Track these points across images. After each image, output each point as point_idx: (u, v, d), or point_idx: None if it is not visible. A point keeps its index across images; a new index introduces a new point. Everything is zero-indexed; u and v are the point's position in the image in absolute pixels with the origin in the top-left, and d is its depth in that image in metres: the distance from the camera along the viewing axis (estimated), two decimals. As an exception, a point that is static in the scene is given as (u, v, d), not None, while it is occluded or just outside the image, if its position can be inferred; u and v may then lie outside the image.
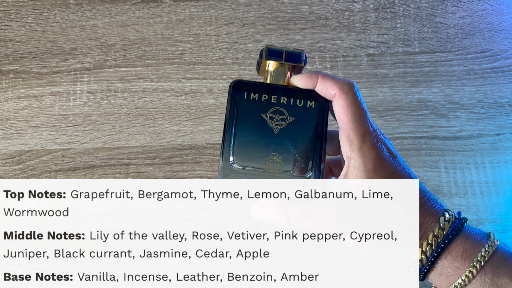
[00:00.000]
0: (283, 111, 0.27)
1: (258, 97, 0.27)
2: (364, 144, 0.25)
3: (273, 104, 0.27)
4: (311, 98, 0.27)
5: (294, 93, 0.27)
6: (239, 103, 0.27)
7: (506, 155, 0.48)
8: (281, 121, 0.27)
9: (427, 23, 0.52)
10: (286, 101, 0.27)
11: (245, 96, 0.27)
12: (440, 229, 0.24)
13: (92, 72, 0.51)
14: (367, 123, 0.26)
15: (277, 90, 0.27)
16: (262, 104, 0.27)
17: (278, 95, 0.27)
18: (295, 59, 0.27)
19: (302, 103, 0.27)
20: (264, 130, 0.26)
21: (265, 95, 0.27)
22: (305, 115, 0.27)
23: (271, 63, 0.28)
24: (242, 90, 0.27)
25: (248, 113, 0.26)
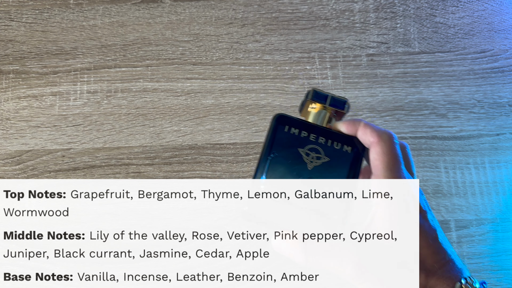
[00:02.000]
0: (320, 150, 0.27)
1: (298, 133, 0.28)
2: None
3: (311, 142, 0.27)
4: (348, 143, 0.28)
5: (333, 135, 0.28)
6: (278, 134, 0.27)
7: (506, 155, 0.48)
8: (316, 159, 0.27)
9: (427, 23, 0.52)
10: (324, 142, 0.28)
11: (285, 129, 0.27)
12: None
13: (92, 72, 0.51)
14: (400, 173, 0.26)
15: (318, 130, 0.28)
16: (301, 140, 0.27)
17: (317, 134, 0.28)
18: (339, 105, 0.29)
19: (339, 147, 0.28)
20: (298, 164, 0.27)
21: (304, 132, 0.28)
22: (340, 158, 0.27)
23: (314, 105, 0.29)
24: (284, 124, 0.28)
25: (286, 146, 0.27)
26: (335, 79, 0.50)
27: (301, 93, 0.50)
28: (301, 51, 0.51)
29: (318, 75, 0.51)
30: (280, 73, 0.51)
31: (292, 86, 0.50)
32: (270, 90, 0.50)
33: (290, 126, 0.28)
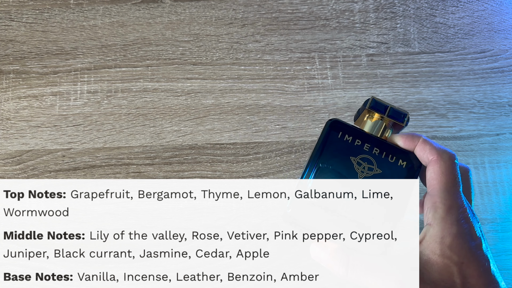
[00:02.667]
0: (373, 161, 0.26)
1: (352, 141, 0.26)
2: (448, 216, 0.24)
3: (364, 151, 0.26)
4: (404, 158, 0.26)
5: (388, 148, 0.27)
6: (330, 139, 0.26)
7: (506, 155, 0.48)
8: (368, 170, 0.26)
9: (427, 23, 0.52)
10: (378, 153, 0.26)
11: (339, 135, 0.26)
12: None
13: (92, 72, 0.51)
14: (456, 196, 0.25)
15: (372, 140, 0.27)
16: (354, 148, 0.26)
17: (371, 144, 0.26)
18: (398, 117, 0.27)
19: (394, 160, 0.26)
20: (348, 173, 0.26)
21: (358, 140, 0.26)
22: (394, 172, 0.26)
23: (372, 114, 0.28)
24: (338, 130, 0.26)
25: (337, 152, 0.26)
26: (335, 79, 0.50)
27: (301, 93, 0.50)
28: (301, 51, 0.51)
29: (318, 75, 0.51)
30: (280, 73, 0.51)
31: (292, 86, 0.50)
32: (270, 90, 0.50)
33: (344, 132, 0.26)
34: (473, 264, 0.24)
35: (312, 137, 0.49)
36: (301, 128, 0.49)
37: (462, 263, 0.24)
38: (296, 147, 0.49)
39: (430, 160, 0.25)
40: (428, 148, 0.25)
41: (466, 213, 0.25)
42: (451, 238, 0.24)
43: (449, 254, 0.24)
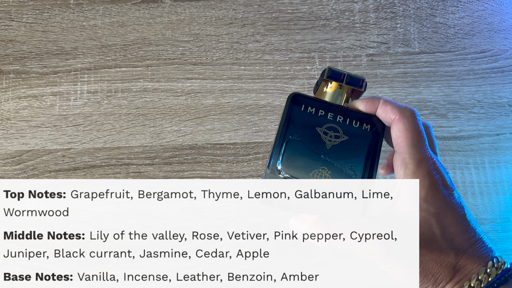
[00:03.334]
0: (338, 128, 0.27)
1: (315, 112, 0.27)
2: (419, 170, 0.24)
3: (328, 120, 0.26)
4: (367, 122, 0.27)
5: (351, 114, 0.27)
6: (294, 113, 0.26)
7: (506, 155, 0.48)
8: (335, 137, 0.26)
9: (427, 23, 0.52)
10: (342, 120, 0.27)
11: (302, 108, 0.26)
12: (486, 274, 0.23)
13: (92, 72, 0.51)
14: (424, 150, 0.25)
15: (335, 109, 0.27)
16: (318, 119, 0.26)
17: (334, 113, 0.27)
18: (356, 83, 0.27)
19: (358, 125, 0.27)
20: (316, 143, 0.26)
21: (321, 110, 0.27)
22: (360, 137, 0.26)
23: (330, 84, 0.28)
24: (300, 103, 0.27)
25: (303, 125, 0.26)
26: (335, 79, 0.50)
27: (301, 93, 0.50)
28: (301, 51, 0.51)
29: (318, 75, 0.51)
30: (280, 73, 0.51)
31: (292, 86, 0.50)
32: (270, 90, 0.50)
33: (307, 105, 0.26)
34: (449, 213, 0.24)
35: (312, 137, 0.49)
36: (301, 128, 0.49)
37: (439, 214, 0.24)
38: (296, 147, 0.49)
39: (393, 119, 0.25)
40: (389, 108, 0.26)
41: (436, 165, 0.25)
42: (425, 190, 0.24)
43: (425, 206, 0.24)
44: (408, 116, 0.25)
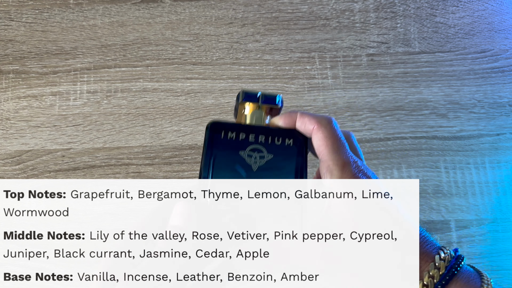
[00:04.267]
0: (262, 149, 0.27)
1: (236, 136, 0.27)
2: (344, 174, 0.25)
3: (251, 143, 0.27)
4: (289, 136, 0.27)
5: (272, 132, 0.27)
6: (216, 142, 0.26)
7: (506, 155, 0.48)
8: (260, 158, 0.27)
9: (427, 23, 0.52)
10: (264, 140, 0.27)
11: (222, 136, 0.26)
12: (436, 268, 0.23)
13: (92, 72, 0.51)
14: (346, 155, 0.25)
15: (255, 130, 0.27)
16: (240, 143, 0.26)
17: (256, 134, 0.27)
18: (271, 101, 0.28)
19: (280, 141, 0.27)
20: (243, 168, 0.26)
21: (242, 133, 0.27)
22: (284, 153, 0.27)
23: (247, 106, 0.28)
24: (219, 131, 0.27)
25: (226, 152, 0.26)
26: (335, 79, 0.50)
27: (301, 93, 0.50)
28: (301, 51, 0.51)
29: (318, 75, 0.51)
30: (280, 73, 0.51)
31: (292, 86, 0.50)
32: (270, 90, 0.50)
33: (226, 131, 0.26)
34: None
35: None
36: (301, 128, 0.49)
37: None
38: (296, 147, 0.49)
39: (311, 129, 0.26)
40: (306, 119, 0.26)
41: (360, 167, 0.26)
42: None
43: None
44: (326, 124, 0.26)
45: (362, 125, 0.49)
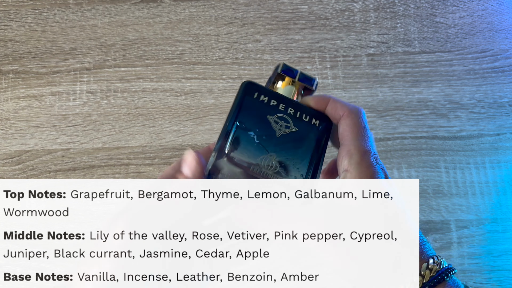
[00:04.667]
0: (289, 119, 0.27)
1: (267, 101, 0.27)
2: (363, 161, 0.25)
3: (280, 111, 0.27)
4: (316, 118, 0.27)
5: (302, 108, 0.27)
6: (246, 100, 0.27)
7: (506, 155, 0.48)
8: (285, 127, 0.27)
9: (427, 23, 0.52)
10: (293, 113, 0.27)
11: (254, 96, 0.27)
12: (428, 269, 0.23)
13: (91, 72, 0.51)
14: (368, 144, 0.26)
15: (287, 101, 0.27)
16: (270, 108, 0.27)
17: (286, 105, 0.27)
18: (308, 81, 0.28)
19: (308, 119, 0.27)
20: (266, 130, 0.26)
21: (274, 100, 0.27)
22: (308, 131, 0.27)
23: (282, 80, 0.28)
24: (253, 92, 0.27)
25: (255, 111, 0.27)
26: (335, 79, 0.50)
27: (301, 93, 0.50)
28: (301, 51, 0.51)
29: (318, 75, 0.51)
30: (280, 73, 0.51)
31: (292, 86, 0.50)
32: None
33: (259, 93, 0.27)
34: None
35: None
36: (301, 128, 0.49)
37: None
38: (296, 147, 0.49)
39: (341, 115, 0.27)
40: (338, 105, 0.27)
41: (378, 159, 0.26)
42: None
43: None
44: (356, 113, 0.27)
45: (362, 125, 0.49)
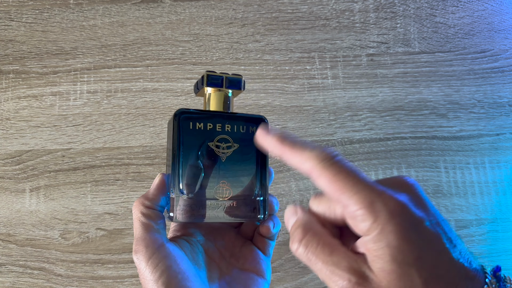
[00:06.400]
0: (228, 138, 0.27)
1: (204, 127, 0.27)
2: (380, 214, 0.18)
3: (218, 132, 0.27)
4: (253, 124, 0.28)
5: (237, 119, 0.28)
6: (185, 133, 0.27)
7: (506, 155, 0.48)
8: (227, 148, 0.27)
9: (427, 23, 0.52)
10: (230, 129, 0.27)
11: (190, 126, 0.27)
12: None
13: (92, 72, 0.51)
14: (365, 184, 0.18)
15: (221, 118, 0.28)
16: (208, 133, 0.27)
17: (222, 123, 0.27)
18: (235, 86, 0.28)
19: (245, 130, 0.28)
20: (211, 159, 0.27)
21: (210, 124, 0.27)
22: (248, 141, 0.27)
23: (212, 91, 0.29)
24: (188, 121, 0.27)
25: (195, 142, 0.27)
26: (335, 79, 0.50)
27: (301, 93, 0.50)
28: (301, 51, 0.51)
29: (318, 75, 0.51)
30: (280, 73, 0.51)
31: (292, 86, 0.50)
32: (270, 90, 0.50)
33: (194, 122, 0.27)
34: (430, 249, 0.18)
35: (312, 137, 0.49)
36: (301, 128, 0.49)
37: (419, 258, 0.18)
38: (296, 147, 0.49)
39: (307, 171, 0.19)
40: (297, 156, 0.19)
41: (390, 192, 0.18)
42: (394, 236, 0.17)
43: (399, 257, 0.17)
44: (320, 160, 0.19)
45: (362, 125, 0.49)
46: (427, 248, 0.17)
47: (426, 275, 0.17)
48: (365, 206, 0.17)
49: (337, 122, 0.49)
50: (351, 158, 0.49)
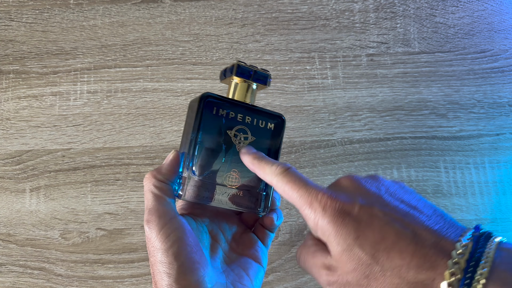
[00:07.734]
0: (247, 130, 0.28)
1: (226, 114, 0.28)
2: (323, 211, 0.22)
3: (238, 122, 0.28)
4: (271, 121, 0.29)
5: (258, 114, 0.29)
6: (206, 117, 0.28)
7: (506, 155, 0.48)
8: (244, 139, 0.28)
9: (427, 23, 0.52)
10: (250, 121, 0.29)
11: (213, 111, 0.28)
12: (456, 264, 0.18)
13: (92, 72, 0.51)
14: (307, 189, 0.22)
15: (244, 109, 0.28)
16: (229, 121, 0.28)
17: (243, 114, 0.28)
18: (262, 81, 0.29)
19: (264, 125, 0.29)
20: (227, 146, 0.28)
21: (232, 112, 0.28)
22: (264, 136, 0.29)
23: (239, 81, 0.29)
24: (211, 106, 0.28)
25: (214, 129, 0.28)
26: (335, 79, 0.50)
27: (301, 93, 0.50)
28: (301, 51, 0.51)
29: (318, 75, 0.51)
30: (280, 73, 0.51)
31: (292, 86, 0.50)
32: (270, 90, 0.50)
33: (218, 108, 0.28)
34: None
35: (312, 137, 0.49)
36: (301, 128, 0.49)
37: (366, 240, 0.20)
38: (296, 147, 0.49)
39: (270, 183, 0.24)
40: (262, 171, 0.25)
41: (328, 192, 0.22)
42: None
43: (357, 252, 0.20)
44: None
45: (362, 125, 0.49)
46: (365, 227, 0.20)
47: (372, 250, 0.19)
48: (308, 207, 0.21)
49: (337, 122, 0.49)
50: (351, 158, 0.49)
